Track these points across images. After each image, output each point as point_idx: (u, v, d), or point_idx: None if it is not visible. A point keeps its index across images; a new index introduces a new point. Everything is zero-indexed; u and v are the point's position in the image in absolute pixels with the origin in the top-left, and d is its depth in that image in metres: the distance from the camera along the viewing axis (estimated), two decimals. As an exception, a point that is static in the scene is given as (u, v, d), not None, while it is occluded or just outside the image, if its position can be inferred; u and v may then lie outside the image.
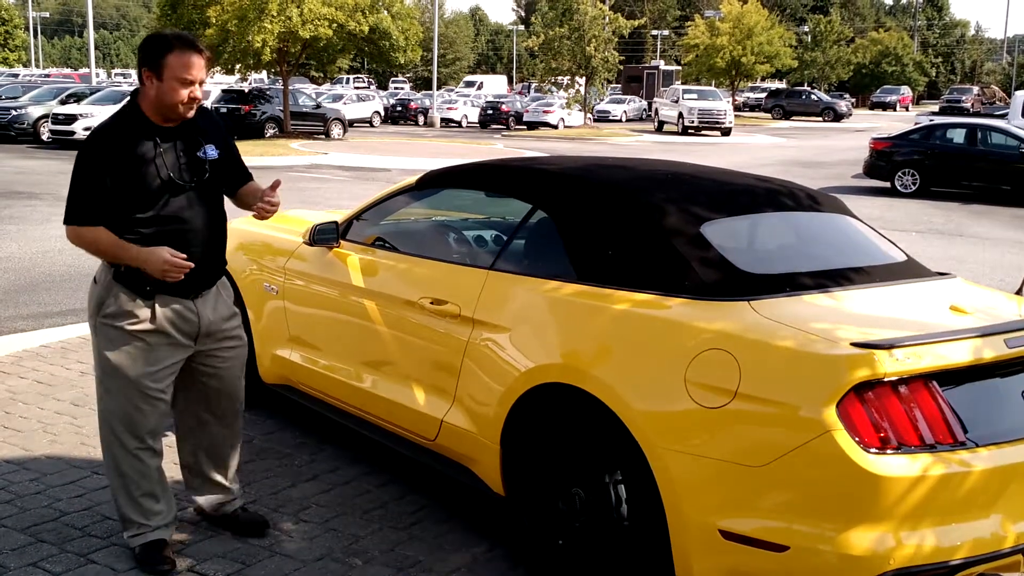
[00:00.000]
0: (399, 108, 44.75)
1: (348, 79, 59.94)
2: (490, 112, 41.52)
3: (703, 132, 37.50)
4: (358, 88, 53.14)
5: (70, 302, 7.76)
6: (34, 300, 7.84)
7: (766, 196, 3.80)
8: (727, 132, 37.13)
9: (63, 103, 25.85)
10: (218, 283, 3.45)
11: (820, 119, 51.28)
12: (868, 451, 2.62)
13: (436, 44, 43.02)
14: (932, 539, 2.64)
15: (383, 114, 42.69)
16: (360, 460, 4.47)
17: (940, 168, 18.13)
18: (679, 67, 58.34)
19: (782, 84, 71.30)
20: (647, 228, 3.38)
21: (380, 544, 3.66)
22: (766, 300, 3.04)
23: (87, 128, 23.22)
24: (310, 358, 4.52)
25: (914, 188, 18.22)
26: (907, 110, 63.22)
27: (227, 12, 26.25)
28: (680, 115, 37.89)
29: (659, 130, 39.72)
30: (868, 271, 3.44)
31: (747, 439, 2.78)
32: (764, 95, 59.73)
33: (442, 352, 3.78)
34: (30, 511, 3.81)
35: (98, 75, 50.61)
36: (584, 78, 38.37)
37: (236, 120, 27.21)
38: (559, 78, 39.33)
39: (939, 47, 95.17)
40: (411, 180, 4.45)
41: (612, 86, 52.59)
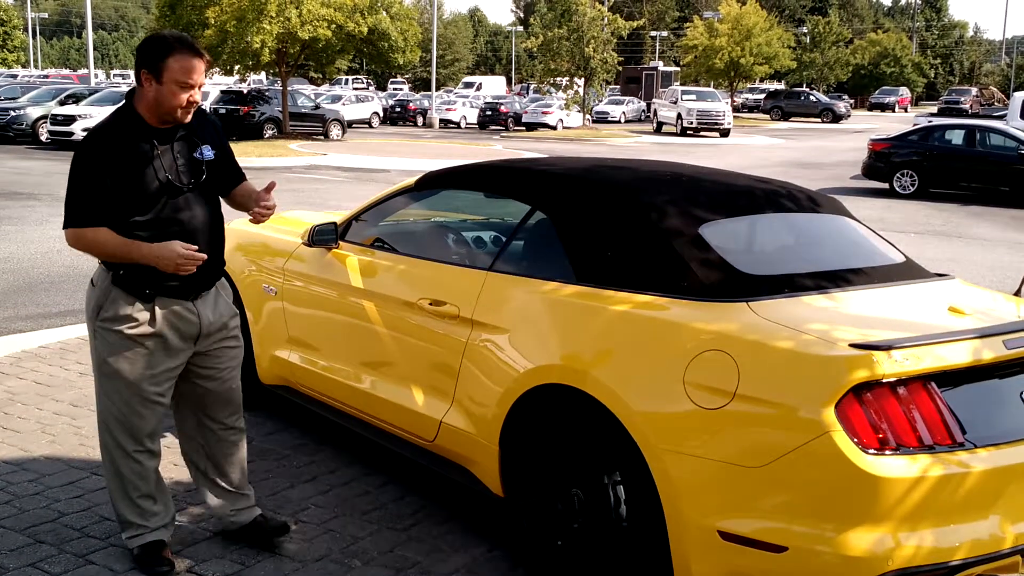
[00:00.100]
0: (398, 109, 44.76)
1: (347, 80, 59.95)
2: (489, 113, 41.53)
3: (702, 133, 37.52)
4: (357, 89, 53.18)
5: (69, 303, 7.76)
6: (33, 301, 7.84)
7: (765, 197, 3.80)
8: (726, 133, 37.14)
9: (62, 104, 25.87)
10: (217, 284, 3.43)
11: (819, 120, 51.33)
12: (867, 452, 2.62)
13: (435, 45, 43.04)
14: (931, 540, 2.64)
15: (382, 115, 42.71)
16: (359, 461, 4.47)
17: (939, 169, 18.15)
18: (678, 68, 58.36)
19: (781, 85, 71.30)
20: (646, 229, 3.38)
21: (379, 545, 3.66)
22: (765, 301, 3.04)
23: (86, 129, 23.18)
24: (309, 359, 4.52)
25: (912, 189, 18.23)
26: (906, 111, 63.25)
27: (226, 13, 26.24)
28: (679, 116, 37.92)
29: (658, 131, 39.75)
30: (867, 272, 3.45)
31: (746, 440, 2.78)
32: (763, 96, 59.76)
33: (441, 353, 3.78)
34: (29, 512, 3.81)
35: (97, 76, 50.62)
36: (583, 79, 38.39)
37: (235, 121, 27.21)
38: (558, 79, 39.36)
39: (938, 48, 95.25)
40: (410, 181, 4.45)
41: (611, 87, 52.62)
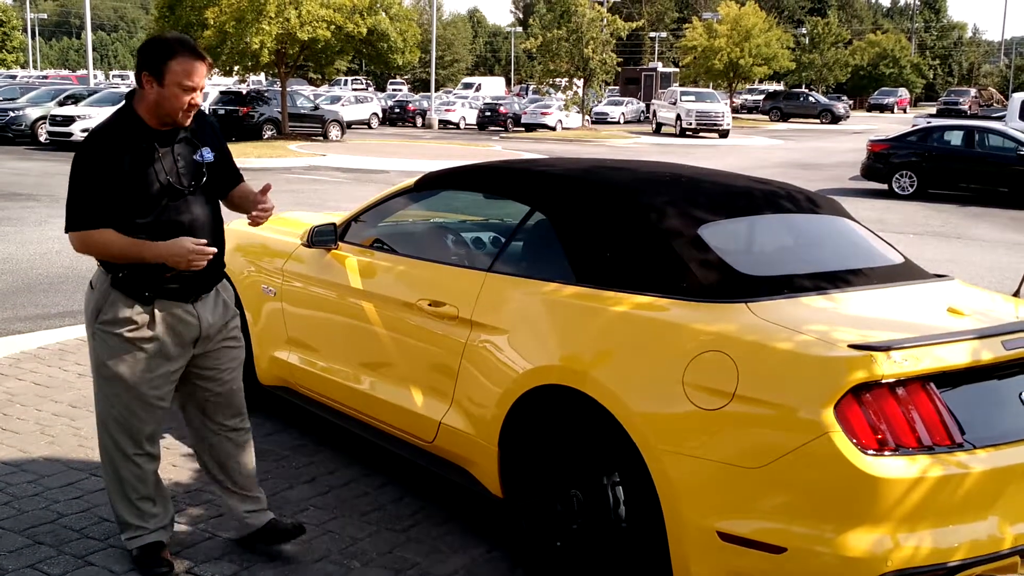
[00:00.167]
0: (397, 110, 44.76)
1: (346, 81, 59.94)
2: (488, 114, 41.54)
3: (701, 134, 37.51)
4: (356, 90, 53.17)
5: (68, 304, 7.76)
6: (32, 302, 7.83)
7: (764, 198, 3.81)
8: (725, 134, 37.14)
9: (61, 105, 25.85)
10: (218, 285, 3.41)
11: (818, 121, 51.34)
12: (866, 453, 2.62)
13: (434, 46, 43.03)
14: (930, 541, 2.64)
15: (381, 116, 42.70)
16: (358, 462, 4.47)
17: (937, 170, 18.15)
18: (677, 69, 58.39)
19: (780, 86, 71.35)
20: (645, 230, 3.38)
21: (378, 546, 3.66)
22: (764, 302, 3.05)
23: (85, 130, 23.19)
24: (308, 360, 4.52)
25: (911, 190, 18.24)
26: (904, 112, 63.27)
27: (225, 14, 26.24)
28: (678, 117, 37.91)
29: (657, 132, 39.75)
30: (866, 273, 3.45)
31: (745, 441, 2.78)
32: (762, 97, 59.79)
33: (440, 354, 3.78)
34: (28, 513, 3.81)
35: (96, 77, 50.57)
36: (582, 80, 38.40)
37: (234, 122, 27.20)
38: (557, 80, 39.37)
39: (936, 49, 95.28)
40: (409, 182, 4.45)
41: (610, 88, 52.60)
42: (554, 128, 38.93)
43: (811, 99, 55.41)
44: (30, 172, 18.45)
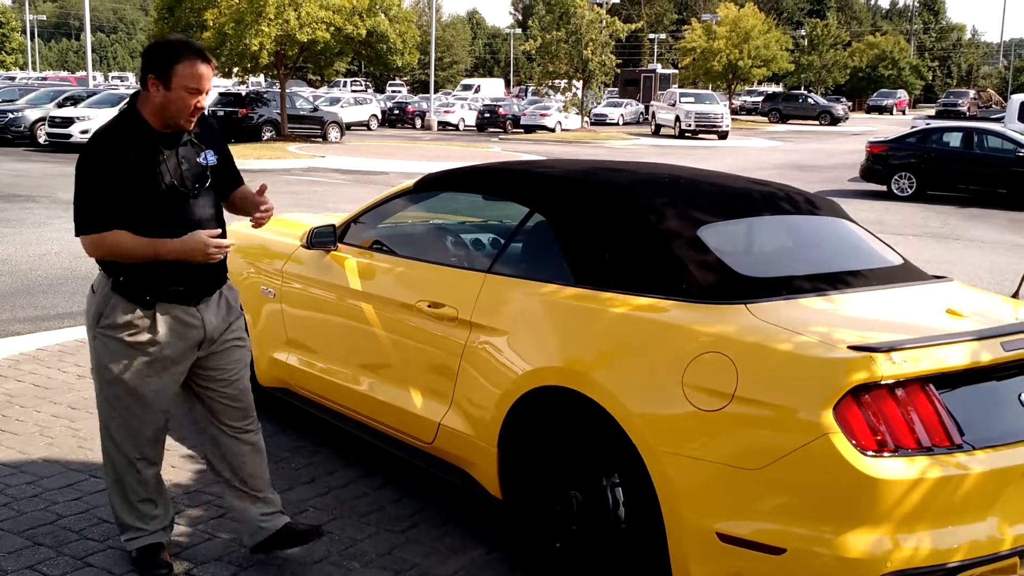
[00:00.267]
0: (396, 111, 44.77)
1: (345, 82, 59.94)
2: (487, 115, 41.54)
3: (700, 135, 37.52)
4: (355, 91, 53.17)
5: (67, 305, 7.75)
6: (31, 303, 7.83)
7: (763, 200, 3.81)
8: (724, 135, 37.15)
9: (60, 106, 25.85)
10: (223, 286, 3.37)
11: (817, 123, 51.36)
12: (865, 454, 2.63)
13: (433, 47, 43.06)
14: (929, 542, 2.64)
15: (380, 117, 42.73)
16: (357, 463, 4.47)
17: (936, 172, 18.17)
18: (676, 70, 58.39)
19: (779, 88, 71.38)
20: (644, 232, 3.38)
21: (377, 547, 3.66)
22: (763, 303, 3.05)
23: (84, 131, 23.23)
24: (307, 361, 4.52)
25: (910, 192, 18.25)
26: (903, 114, 63.33)
27: (224, 15, 26.26)
28: (677, 118, 37.92)
29: (656, 133, 39.77)
30: (865, 274, 3.45)
31: (744, 442, 2.78)
32: (761, 99, 59.81)
33: (439, 355, 3.78)
34: (27, 514, 3.80)
35: (95, 78, 50.61)
36: (581, 81, 38.42)
37: (233, 123, 27.20)
38: (556, 81, 39.38)
39: (935, 51, 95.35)
40: (409, 183, 4.45)
41: (609, 89, 52.61)
42: (553, 130, 38.93)
43: (810, 101, 55.42)
44: (29, 174, 18.45)
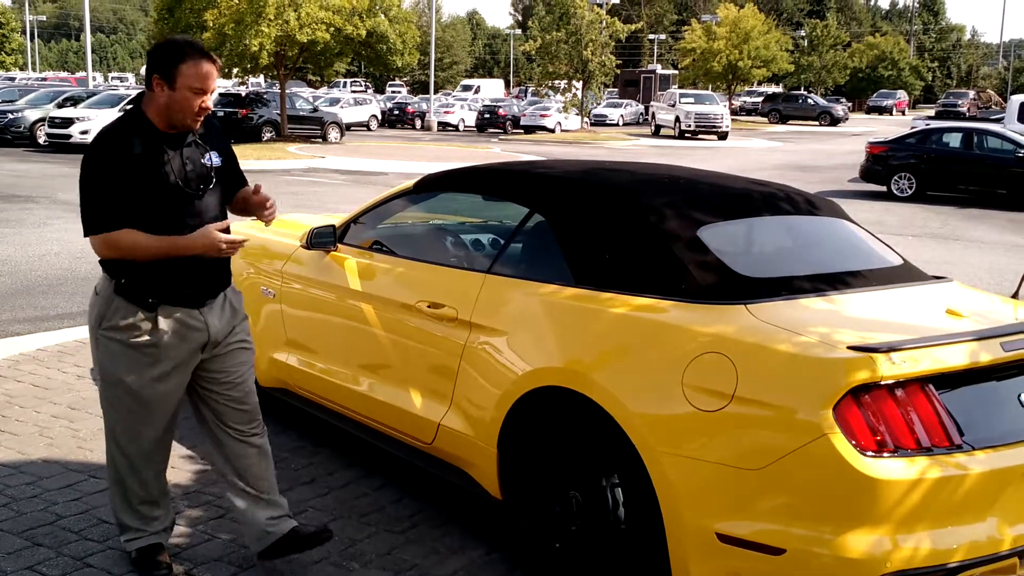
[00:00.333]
0: (396, 112, 44.77)
1: (345, 83, 59.96)
2: (487, 116, 41.53)
3: (700, 136, 37.53)
4: (355, 92, 53.18)
5: (67, 306, 7.75)
6: (30, 304, 7.83)
7: (763, 200, 3.81)
8: (724, 136, 37.16)
9: (60, 107, 25.86)
10: (227, 289, 3.34)
11: (817, 123, 51.38)
12: (865, 454, 2.63)
13: (433, 48, 43.07)
14: (929, 542, 2.64)
15: (380, 118, 42.74)
16: (357, 464, 4.47)
17: (936, 172, 18.17)
18: (676, 71, 58.41)
19: (779, 88, 71.40)
20: (644, 232, 3.38)
21: (377, 547, 3.66)
22: (763, 304, 3.05)
23: (84, 132, 23.23)
24: (307, 362, 4.52)
25: (910, 192, 18.26)
26: (903, 114, 63.33)
27: (224, 16, 26.28)
28: (677, 119, 37.92)
29: (656, 134, 39.77)
30: (864, 275, 3.45)
31: (744, 442, 2.78)
32: (761, 99, 59.83)
33: (439, 355, 3.78)
34: (26, 515, 3.80)
35: (95, 79, 50.61)
36: (581, 82, 38.42)
37: (233, 124, 27.21)
38: (556, 82, 39.38)
39: (935, 51, 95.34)
40: (408, 184, 4.45)
41: (609, 90, 52.62)
42: (553, 130, 38.93)
43: (810, 101, 55.43)
44: (29, 174, 18.45)
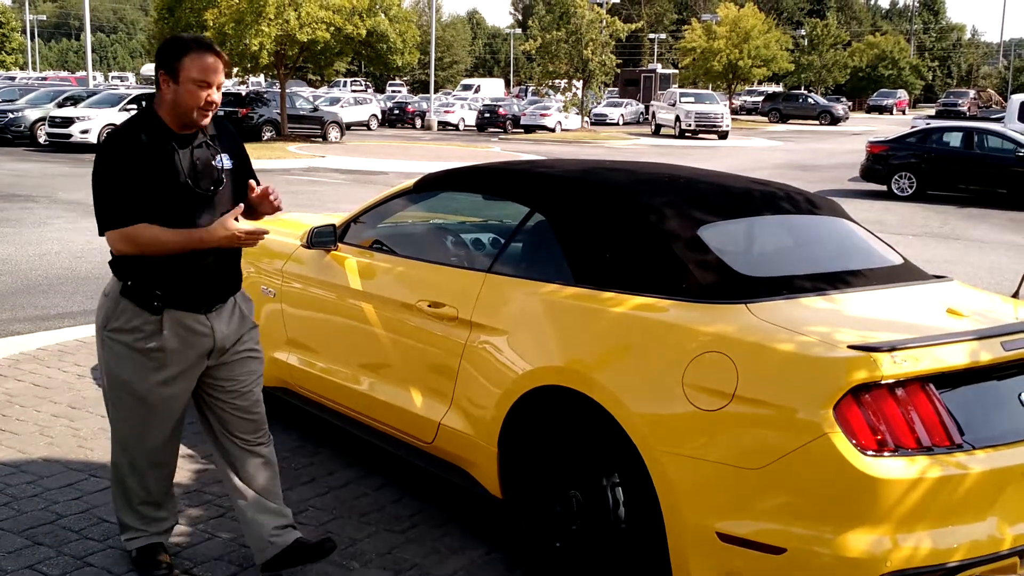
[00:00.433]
0: (396, 111, 44.77)
1: (345, 82, 59.94)
2: (487, 115, 41.53)
3: (700, 135, 37.53)
4: (355, 91, 53.18)
5: (67, 305, 7.76)
6: (31, 303, 7.83)
7: (763, 199, 3.81)
8: (724, 135, 37.16)
9: (60, 106, 25.86)
10: (238, 295, 3.31)
11: (817, 123, 51.37)
12: (865, 453, 2.62)
13: (433, 47, 43.06)
14: (929, 541, 2.64)
15: (380, 117, 42.73)
16: (357, 463, 4.47)
17: (936, 171, 18.17)
18: (676, 70, 58.41)
19: (779, 88, 71.39)
20: (644, 231, 3.38)
21: (377, 547, 3.66)
22: (763, 303, 3.05)
23: (84, 131, 23.25)
24: (307, 361, 4.52)
25: (910, 191, 18.26)
26: (904, 114, 63.34)
27: (224, 15, 26.27)
28: (677, 118, 37.93)
29: (656, 133, 39.78)
30: (865, 274, 3.45)
31: (744, 442, 2.78)
32: (761, 99, 59.81)
33: (439, 355, 3.78)
34: (27, 514, 3.80)
35: (95, 78, 50.61)
36: (581, 81, 38.42)
37: (233, 123, 27.04)
38: (556, 81, 39.37)
39: (935, 51, 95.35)
40: (409, 183, 4.45)
41: (609, 89, 52.63)
42: (553, 129, 38.94)
43: (810, 100, 55.43)
44: (29, 173, 18.45)
